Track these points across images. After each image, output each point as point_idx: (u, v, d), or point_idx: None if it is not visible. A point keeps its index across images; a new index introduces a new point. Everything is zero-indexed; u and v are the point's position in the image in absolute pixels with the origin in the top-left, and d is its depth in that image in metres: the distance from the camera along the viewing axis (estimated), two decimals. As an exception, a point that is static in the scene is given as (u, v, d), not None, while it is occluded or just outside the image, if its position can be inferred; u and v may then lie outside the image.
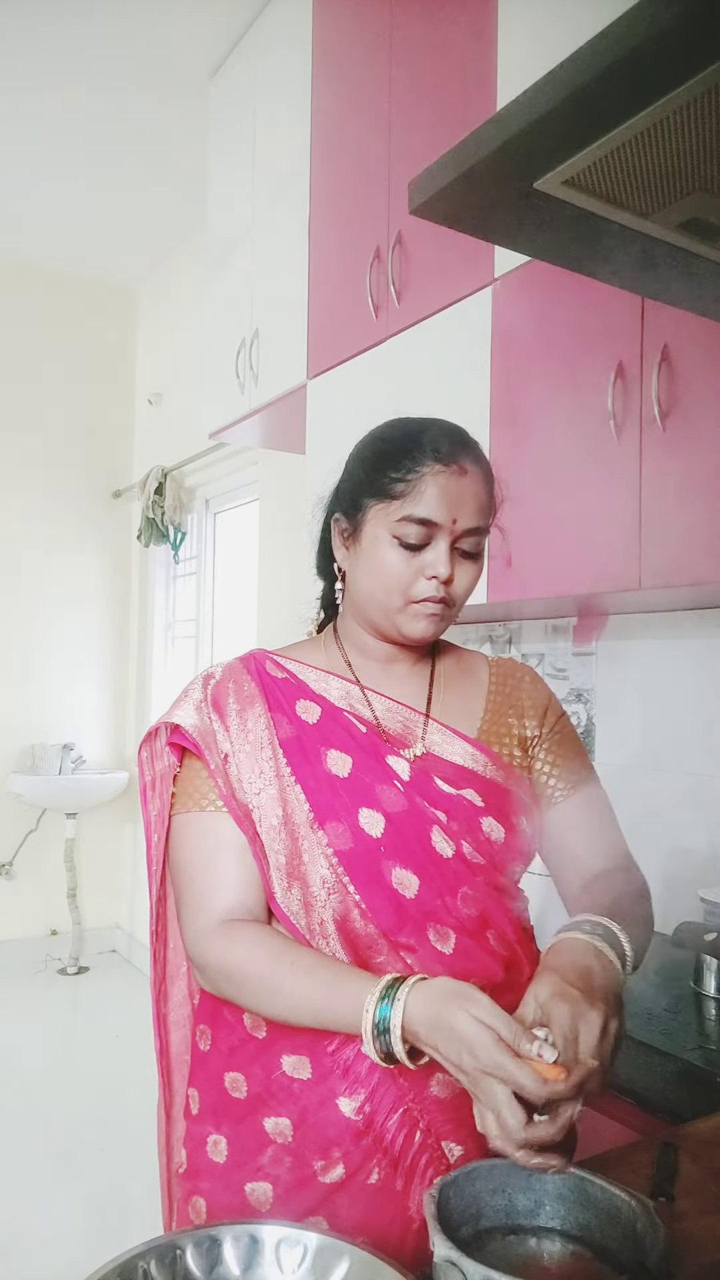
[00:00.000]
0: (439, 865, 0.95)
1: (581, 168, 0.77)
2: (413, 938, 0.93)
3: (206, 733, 0.99)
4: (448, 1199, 0.73)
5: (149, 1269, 0.70)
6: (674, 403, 1.47)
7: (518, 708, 1.08)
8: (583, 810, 1.07)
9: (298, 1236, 0.74)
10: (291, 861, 0.95)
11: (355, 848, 0.94)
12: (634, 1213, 0.72)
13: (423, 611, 0.99)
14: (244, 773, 0.98)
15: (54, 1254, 2.20)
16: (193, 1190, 0.99)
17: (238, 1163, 0.95)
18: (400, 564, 0.97)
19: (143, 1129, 1.26)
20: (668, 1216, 0.78)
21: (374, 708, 1.03)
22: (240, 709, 1.01)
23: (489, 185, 0.83)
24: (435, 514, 0.95)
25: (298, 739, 0.99)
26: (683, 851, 1.87)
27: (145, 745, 1.05)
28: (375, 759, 0.99)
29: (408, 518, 0.96)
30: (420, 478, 0.96)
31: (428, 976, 0.82)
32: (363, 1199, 0.90)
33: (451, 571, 0.97)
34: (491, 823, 0.99)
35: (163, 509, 4.23)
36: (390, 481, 0.97)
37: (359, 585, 1.02)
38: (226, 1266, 0.73)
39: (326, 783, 0.97)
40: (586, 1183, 0.76)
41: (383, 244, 2.12)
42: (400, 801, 0.97)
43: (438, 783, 0.99)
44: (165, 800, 1.03)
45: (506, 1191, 0.77)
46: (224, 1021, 0.99)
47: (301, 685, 1.03)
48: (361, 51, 2.25)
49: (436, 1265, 0.66)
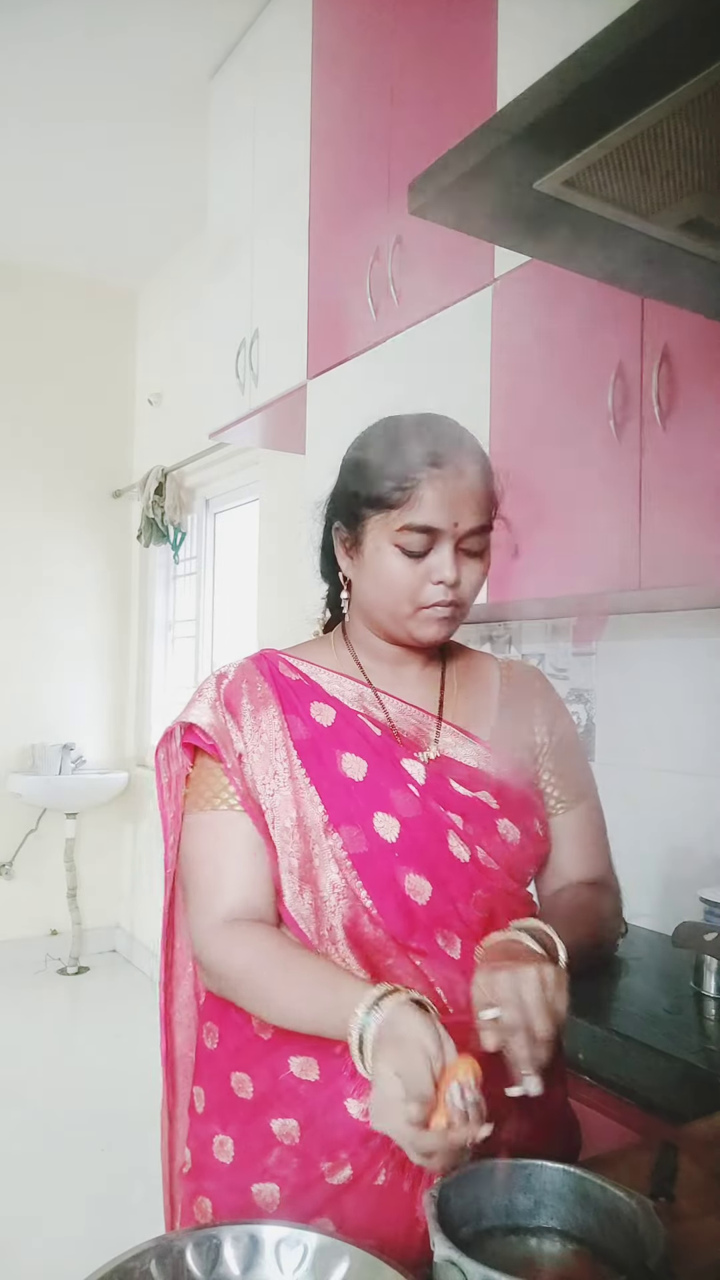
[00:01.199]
0: (454, 870, 0.95)
1: (581, 168, 0.78)
2: (423, 943, 0.93)
3: (222, 731, 0.99)
4: (448, 1199, 0.73)
5: (149, 1269, 0.70)
6: (674, 403, 1.47)
7: (528, 712, 1.08)
8: (577, 826, 1.07)
9: (298, 1236, 0.74)
10: (304, 865, 0.94)
11: (370, 852, 0.93)
12: (634, 1213, 0.71)
13: (433, 616, 0.98)
14: (257, 774, 0.97)
15: (54, 1254, 2.20)
16: (198, 1190, 0.98)
17: (244, 1163, 0.95)
18: (406, 572, 0.96)
19: (143, 1129, 1.26)
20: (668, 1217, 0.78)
21: (387, 710, 1.03)
22: (254, 709, 1.00)
23: (489, 185, 0.83)
24: (435, 520, 0.94)
25: (312, 741, 0.98)
26: (683, 851, 1.87)
27: (162, 746, 1.04)
28: (390, 762, 0.98)
29: (408, 526, 0.94)
30: (417, 484, 0.94)
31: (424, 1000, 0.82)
32: (369, 1200, 0.90)
33: (458, 574, 0.96)
34: (507, 824, 0.99)
35: (163, 509, 4.23)
36: (387, 491, 0.95)
37: (366, 594, 1.01)
38: (226, 1266, 0.73)
39: (341, 786, 0.96)
40: (587, 1183, 0.76)
41: (383, 244, 2.12)
42: (415, 806, 0.96)
43: (453, 785, 0.99)
44: (180, 802, 1.03)
45: (507, 1191, 0.77)
46: (231, 1020, 0.99)
47: (315, 686, 1.03)
48: (362, 52, 2.25)
49: (437, 1265, 0.66)
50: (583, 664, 2.11)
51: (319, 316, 2.41)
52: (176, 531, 4.33)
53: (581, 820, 1.08)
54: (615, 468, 1.56)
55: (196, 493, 4.32)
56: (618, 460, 1.56)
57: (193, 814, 1.00)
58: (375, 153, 2.17)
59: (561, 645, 2.17)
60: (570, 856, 1.06)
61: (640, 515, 1.52)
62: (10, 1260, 2.22)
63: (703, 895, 1.63)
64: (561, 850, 1.06)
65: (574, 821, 1.07)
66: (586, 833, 1.08)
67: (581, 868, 1.07)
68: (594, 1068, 1.36)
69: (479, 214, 0.89)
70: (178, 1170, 1.05)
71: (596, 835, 1.09)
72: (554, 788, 1.07)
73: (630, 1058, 1.32)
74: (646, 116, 0.71)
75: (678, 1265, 0.73)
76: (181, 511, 4.28)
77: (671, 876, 1.88)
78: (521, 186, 0.81)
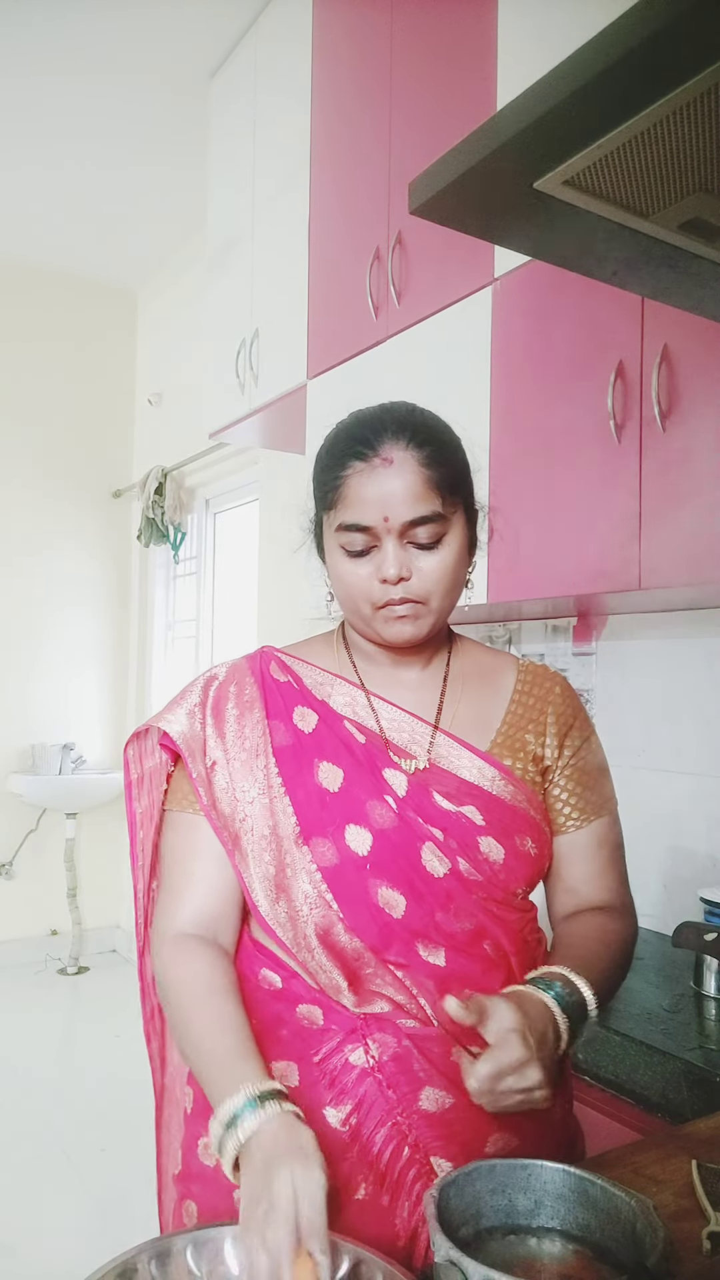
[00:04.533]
0: (429, 884, 0.91)
1: (581, 168, 0.77)
2: (402, 955, 0.90)
3: (194, 739, 0.97)
4: (448, 1199, 0.73)
5: (149, 1269, 0.70)
6: (674, 403, 1.47)
7: (539, 723, 1.01)
8: (592, 846, 1.02)
9: (298, 1236, 0.74)
10: (279, 874, 0.92)
11: (340, 865, 0.91)
12: (634, 1212, 0.71)
13: (391, 615, 0.93)
14: (237, 780, 0.95)
15: (54, 1254, 2.20)
16: (185, 1194, 0.97)
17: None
18: (355, 572, 0.92)
19: (143, 1129, 1.26)
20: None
21: (379, 716, 0.98)
22: (239, 714, 0.98)
23: (489, 185, 0.83)
24: (363, 516, 0.90)
25: (292, 748, 0.96)
26: (683, 851, 1.87)
27: (132, 743, 1.03)
28: (370, 772, 0.94)
29: (342, 525, 0.91)
30: (343, 481, 0.90)
31: (300, 1114, 0.79)
32: (348, 1214, 0.88)
33: (401, 569, 0.90)
34: (491, 843, 0.93)
35: (163, 509, 4.23)
36: (325, 491, 0.92)
37: (337, 597, 0.99)
38: (226, 1266, 0.73)
39: (316, 796, 0.93)
40: (586, 1182, 0.76)
41: (383, 244, 2.12)
42: (390, 818, 0.92)
43: (436, 798, 0.94)
44: (154, 797, 1.02)
45: (506, 1191, 0.77)
46: None
47: (303, 690, 1.00)
48: (362, 51, 2.25)
49: (438, 1265, 0.66)
50: (583, 664, 2.11)
51: (319, 316, 2.41)
52: (176, 531, 4.33)
53: (597, 838, 1.02)
54: (615, 468, 1.56)
55: (196, 493, 4.32)
56: (618, 460, 1.56)
57: (172, 811, 1.00)
58: (375, 153, 2.17)
59: (561, 645, 2.17)
60: (583, 875, 1.02)
61: (640, 515, 1.52)
62: (10, 1260, 2.22)
63: (703, 895, 1.63)
64: (574, 868, 1.02)
65: (588, 839, 1.02)
66: (601, 851, 1.02)
67: (594, 885, 1.02)
68: (593, 1067, 1.36)
69: (479, 214, 0.89)
70: (168, 1171, 1.04)
71: (612, 853, 1.04)
72: (566, 804, 1.01)
73: (630, 1057, 1.32)
74: (646, 116, 0.71)
75: (678, 1265, 0.73)
76: (181, 511, 4.28)
77: (671, 876, 1.88)
78: (521, 186, 0.81)
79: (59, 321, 4.59)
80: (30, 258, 4.44)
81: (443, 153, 0.83)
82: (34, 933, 4.45)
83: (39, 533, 4.52)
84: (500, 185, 0.82)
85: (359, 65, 2.26)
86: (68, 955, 4.36)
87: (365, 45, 2.23)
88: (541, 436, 1.70)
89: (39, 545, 4.52)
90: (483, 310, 1.83)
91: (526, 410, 1.74)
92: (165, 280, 4.52)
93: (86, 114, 3.31)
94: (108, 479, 4.72)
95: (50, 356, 4.54)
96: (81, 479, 4.64)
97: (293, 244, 2.52)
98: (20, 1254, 2.24)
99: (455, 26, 1.93)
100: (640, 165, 0.77)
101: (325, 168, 2.41)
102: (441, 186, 0.84)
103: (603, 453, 1.58)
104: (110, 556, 4.74)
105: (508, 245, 0.98)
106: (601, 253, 0.94)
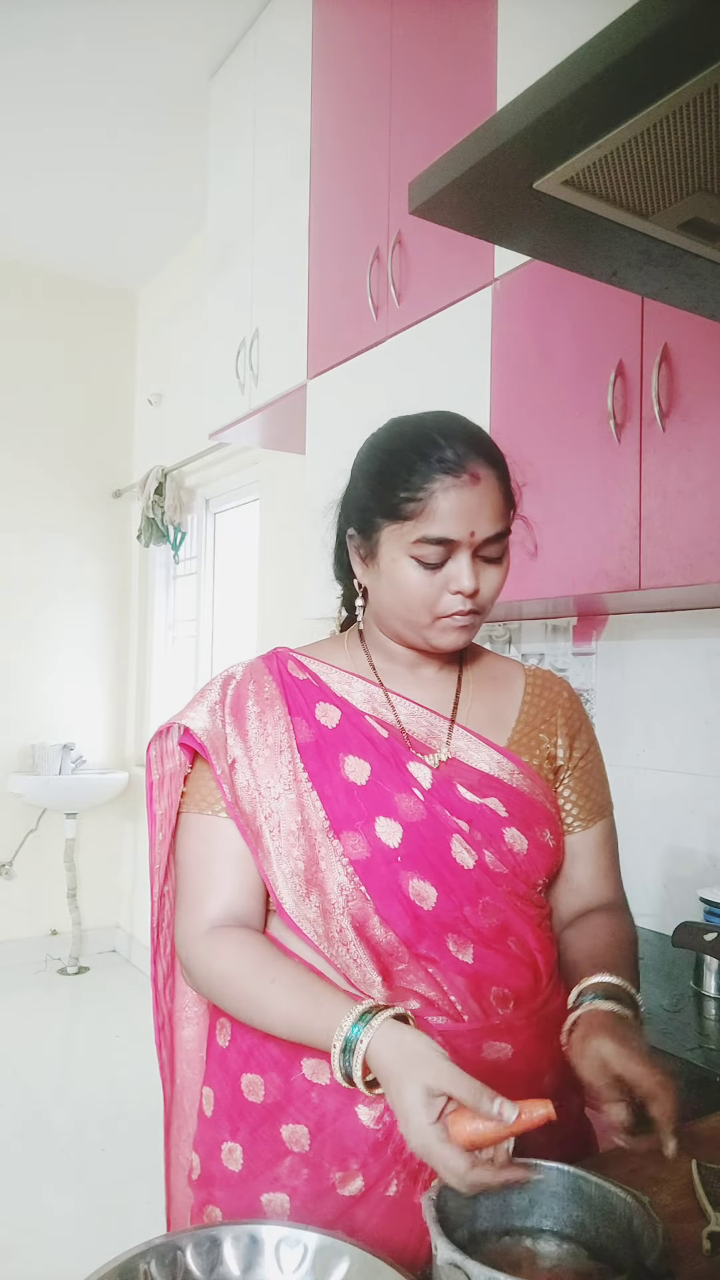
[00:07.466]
0: (459, 876, 0.93)
1: (581, 168, 0.77)
2: (433, 950, 0.92)
3: (216, 736, 0.98)
4: (445, 1201, 0.73)
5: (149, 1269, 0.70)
6: (674, 403, 1.47)
7: (551, 724, 1.06)
8: (595, 846, 1.06)
9: (298, 1236, 0.74)
10: (310, 868, 0.93)
11: (372, 858, 0.92)
12: (630, 1210, 0.71)
13: (451, 625, 0.96)
14: (261, 777, 0.96)
15: (54, 1254, 2.20)
16: (207, 1199, 0.97)
17: (254, 1172, 0.94)
18: (423, 584, 0.93)
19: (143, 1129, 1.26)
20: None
21: (397, 712, 1.01)
22: (260, 711, 0.99)
23: (489, 185, 0.82)
24: (451, 532, 0.91)
25: (316, 744, 0.97)
26: (683, 851, 1.87)
27: (154, 743, 1.03)
28: (395, 766, 0.96)
29: (423, 539, 0.92)
30: (430, 495, 0.91)
31: (408, 1014, 0.83)
32: (381, 1212, 0.89)
33: (476, 583, 0.93)
34: (515, 833, 0.96)
35: (163, 509, 4.23)
36: (400, 502, 0.92)
37: (383, 603, 0.99)
38: (226, 1266, 0.73)
39: (344, 790, 0.95)
40: (582, 1181, 0.76)
41: (383, 244, 2.12)
42: (419, 810, 0.94)
43: (460, 790, 0.97)
44: (173, 799, 1.02)
45: (502, 1191, 0.77)
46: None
47: (323, 687, 1.01)
48: (362, 52, 2.25)
49: (438, 1267, 0.66)
50: (583, 664, 2.11)
51: (319, 316, 2.41)
52: (176, 531, 4.33)
53: (599, 839, 1.07)
54: (615, 468, 1.56)
55: (196, 493, 4.32)
56: (618, 460, 1.56)
57: (188, 814, 1.00)
58: (375, 153, 2.17)
59: (561, 645, 2.17)
60: (588, 875, 1.06)
61: (640, 515, 1.52)
62: (10, 1260, 2.22)
63: (703, 895, 1.63)
64: (578, 868, 1.05)
65: (591, 840, 1.06)
66: (604, 852, 1.07)
67: (600, 884, 1.06)
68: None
69: (479, 214, 0.89)
70: (184, 1174, 1.04)
71: (612, 856, 1.09)
72: (572, 805, 1.05)
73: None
74: (646, 116, 0.71)
75: (677, 1265, 0.73)
76: (181, 511, 4.28)
77: (671, 876, 1.88)
78: (521, 186, 0.81)
79: (59, 322, 4.59)
80: (30, 258, 4.44)
81: (442, 153, 0.83)
82: (34, 933, 4.45)
83: (39, 532, 4.52)
84: (500, 185, 0.82)
85: (359, 65, 2.26)
86: (68, 955, 4.36)
87: (365, 45, 2.23)
88: (541, 436, 1.70)
89: (39, 545, 4.52)
90: (483, 310, 1.84)
91: (526, 410, 1.74)
92: (165, 280, 4.52)
93: (86, 114, 3.31)
94: (108, 479, 4.72)
95: (51, 357, 4.55)
96: (82, 479, 4.64)
97: (293, 244, 2.52)
98: (20, 1254, 2.24)
99: (455, 27, 1.93)
100: (640, 165, 0.77)
101: (325, 168, 2.41)
102: (441, 187, 0.84)
103: (603, 453, 1.58)
104: (110, 556, 4.74)
105: (508, 245, 0.98)
106: (601, 253, 0.94)
